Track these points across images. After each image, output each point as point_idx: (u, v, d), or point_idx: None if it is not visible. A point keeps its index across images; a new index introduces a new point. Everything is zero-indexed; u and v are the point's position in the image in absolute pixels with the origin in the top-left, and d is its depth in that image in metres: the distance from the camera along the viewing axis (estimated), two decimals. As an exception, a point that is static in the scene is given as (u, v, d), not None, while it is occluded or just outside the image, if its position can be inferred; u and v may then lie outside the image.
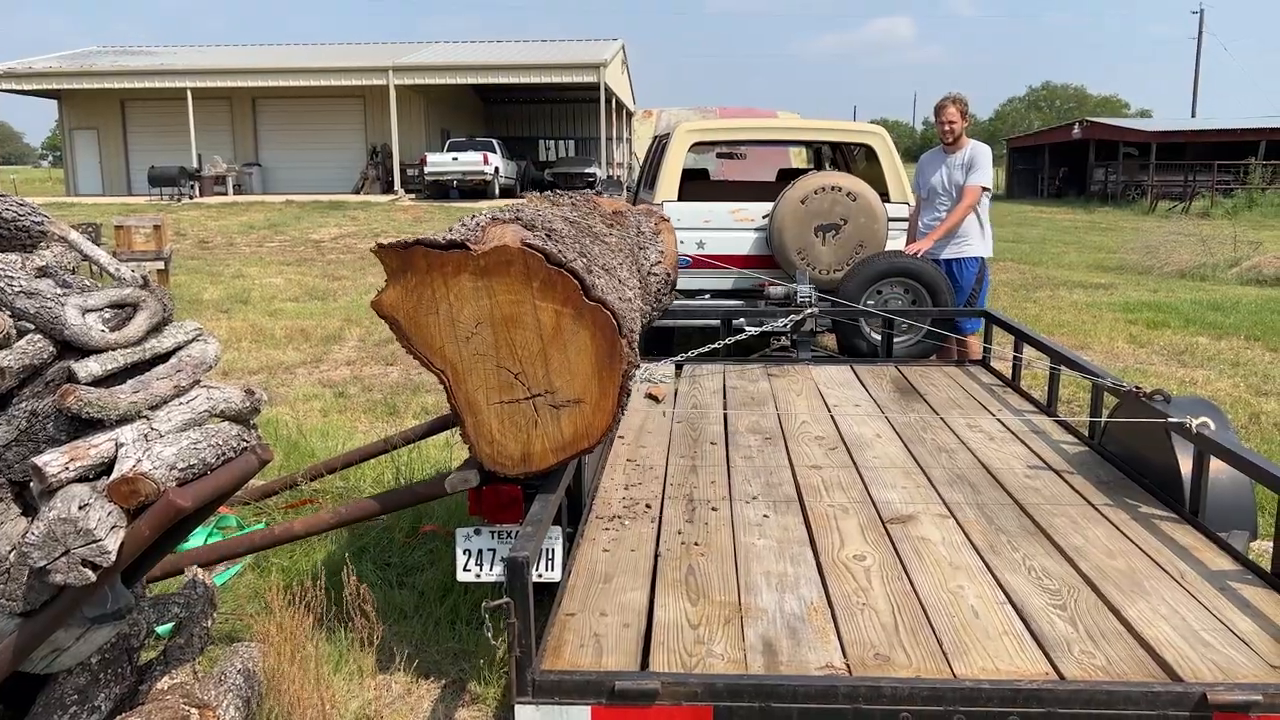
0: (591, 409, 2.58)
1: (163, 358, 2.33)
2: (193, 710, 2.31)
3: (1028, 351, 4.75)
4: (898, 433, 3.94)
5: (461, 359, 2.57)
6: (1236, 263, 14.30)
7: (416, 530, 4.21)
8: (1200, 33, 49.40)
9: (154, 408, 2.17)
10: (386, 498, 3.22)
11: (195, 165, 28.81)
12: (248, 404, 2.40)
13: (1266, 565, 2.66)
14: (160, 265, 11.88)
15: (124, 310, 2.33)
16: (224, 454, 2.25)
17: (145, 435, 2.09)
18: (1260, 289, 12.65)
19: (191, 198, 27.19)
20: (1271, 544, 2.72)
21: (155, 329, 2.34)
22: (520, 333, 2.55)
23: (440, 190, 27.48)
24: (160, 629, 2.77)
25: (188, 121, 29.18)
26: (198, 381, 2.34)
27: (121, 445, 2.05)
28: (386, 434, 5.14)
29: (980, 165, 6.05)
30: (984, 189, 6.08)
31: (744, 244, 6.73)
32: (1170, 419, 3.11)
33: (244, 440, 2.35)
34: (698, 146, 7.66)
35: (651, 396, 4.50)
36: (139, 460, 2.00)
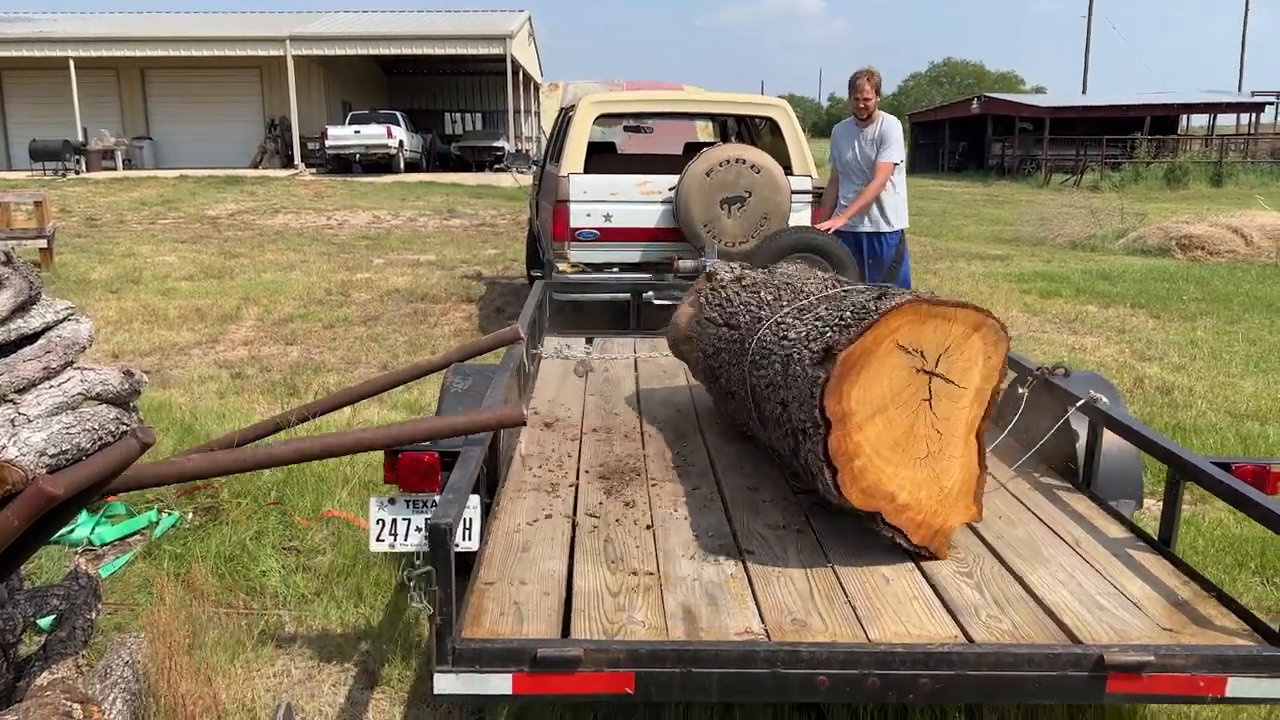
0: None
1: (30, 339, 2.21)
2: (75, 705, 2.21)
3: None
4: None
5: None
6: (1123, 234, 14.89)
7: (318, 514, 4.10)
8: (1090, 11, 51.09)
9: (21, 391, 2.05)
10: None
11: (81, 139, 27.39)
12: (126, 385, 2.30)
13: (1154, 532, 2.78)
14: (43, 243, 11.31)
15: (-14, 289, 2.19)
16: (101, 438, 2.15)
17: (12, 420, 1.98)
18: (1145, 259, 13.20)
19: (78, 173, 25.87)
20: (1160, 511, 2.85)
21: (21, 308, 2.21)
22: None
23: (342, 164, 26.76)
24: (42, 622, 2.64)
25: (71, 93, 27.71)
26: (70, 363, 2.22)
27: (-15, 431, 1.94)
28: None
29: (891, 140, 6.12)
30: (895, 164, 6.17)
31: (651, 217, 6.71)
32: (1070, 394, 3.22)
33: (123, 423, 2.25)
34: (603, 119, 7.60)
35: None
36: (4, 447, 1.90)
